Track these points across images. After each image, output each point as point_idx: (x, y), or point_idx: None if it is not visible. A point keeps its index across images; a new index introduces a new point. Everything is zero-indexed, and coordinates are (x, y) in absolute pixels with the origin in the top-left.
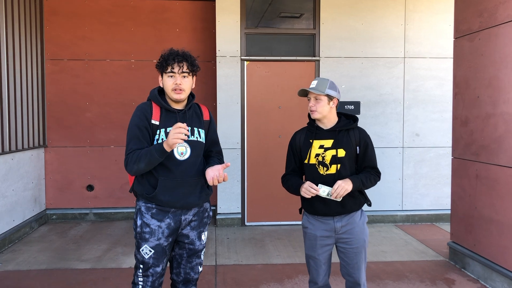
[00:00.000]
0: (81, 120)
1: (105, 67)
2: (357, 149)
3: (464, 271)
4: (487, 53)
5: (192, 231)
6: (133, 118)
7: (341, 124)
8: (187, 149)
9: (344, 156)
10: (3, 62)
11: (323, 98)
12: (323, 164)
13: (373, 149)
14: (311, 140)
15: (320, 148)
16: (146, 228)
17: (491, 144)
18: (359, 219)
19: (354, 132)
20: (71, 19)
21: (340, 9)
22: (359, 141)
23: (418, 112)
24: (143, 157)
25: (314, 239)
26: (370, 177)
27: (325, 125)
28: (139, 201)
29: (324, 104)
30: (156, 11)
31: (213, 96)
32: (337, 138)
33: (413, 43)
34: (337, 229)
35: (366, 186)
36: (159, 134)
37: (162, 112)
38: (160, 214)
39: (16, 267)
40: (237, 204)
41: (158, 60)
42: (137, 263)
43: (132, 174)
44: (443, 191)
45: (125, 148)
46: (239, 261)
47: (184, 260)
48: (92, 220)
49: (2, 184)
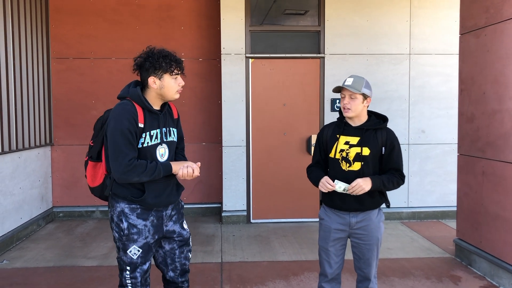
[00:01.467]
0: (87, 118)
1: (110, 65)
2: (383, 149)
3: (470, 268)
4: (493, 49)
5: (175, 224)
6: (122, 121)
7: (370, 123)
8: (166, 150)
9: (368, 155)
10: (10, 61)
11: (358, 97)
12: (346, 160)
13: (399, 152)
14: (338, 135)
15: (345, 144)
16: (133, 229)
17: (497, 140)
18: (375, 216)
19: (381, 132)
20: (77, 17)
21: (344, 6)
22: (386, 142)
23: (423, 108)
24: (150, 172)
25: (328, 230)
26: (393, 179)
27: (354, 122)
28: (119, 203)
29: (359, 103)
30: (161, 9)
31: (218, 94)
32: (364, 136)
33: (419, 39)
34: (351, 224)
35: (388, 188)
36: (145, 137)
37: (145, 113)
38: (144, 213)
39: (24, 264)
40: (242, 202)
41: (148, 60)
42: (123, 265)
43: (126, 182)
44: (449, 187)
45: (116, 153)
46: (244, 258)
47: (177, 253)
48: (99, 218)
49: (10, 182)
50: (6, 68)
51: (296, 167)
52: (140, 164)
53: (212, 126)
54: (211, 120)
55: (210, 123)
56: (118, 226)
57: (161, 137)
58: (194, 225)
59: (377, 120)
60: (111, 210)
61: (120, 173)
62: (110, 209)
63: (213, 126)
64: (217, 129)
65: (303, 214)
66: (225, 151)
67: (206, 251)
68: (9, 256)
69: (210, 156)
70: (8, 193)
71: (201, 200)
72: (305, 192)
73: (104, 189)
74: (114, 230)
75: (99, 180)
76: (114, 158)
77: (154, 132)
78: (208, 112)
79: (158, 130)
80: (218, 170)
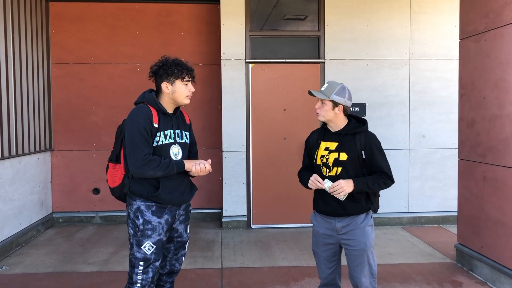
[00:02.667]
0: (87, 124)
1: (110, 70)
2: (363, 153)
3: (471, 274)
4: (493, 54)
5: (180, 224)
6: (138, 121)
7: (347, 128)
8: (179, 150)
9: (346, 160)
10: (10, 66)
11: (327, 103)
12: (326, 166)
13: (381, 154)
14: (319, 141)
15: (325, 150)
16: (148, 225)
17: (497, 145)
18: (361, 221)
19: (360, 136)
20: (77, 23)
21: (344, 11)
22: (364, 146)
23: (424, 113)
24: (164, 167)
25: (317, 235)
26: (378, 180)
27: (332, 128)
28: (136, 201)
29: (328, 109)
30: (161, 14)
31: (218, 99)
32: (342, 141)
33: (419, 44)
34: (337, 229)
35: (373, 189)
36: (159, 136)
37: (159, 115)
38: (159, 211)
39: (24, 270)
40: (242, 207)
41: (165, 66)
42: (136, 261)
43: (142, 176)
44: (449, 192)
45: (133, 149)
46: (245, 264)
47: (171, 253)
48: (99, 223)
49: (10, 187)
50: (6, 74)
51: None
52: (155, 159)
53: (212, 131)
54: (211, 125)
55: (210, 128)
56: (134, 223)
57: (175, 137)
58: (194, 230)
59: (357, 124)
60: (128, 208)
61: (136, 167)
62: (127, 207)
63: (213, 131)
64: (217, 134)
65: (304, 220)
66: (225, 156)
67: (206, 257)
68: (8, 262)
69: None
70: (7, 199)
71: (201, 205)
72: (305, 197)
73: (123, 188)
74: (130, 226)
75: (118, 181)
76: (131, 154)
77: (168, 132)
78: (208, 117)
79: (172, 130)
80: (218, 175)
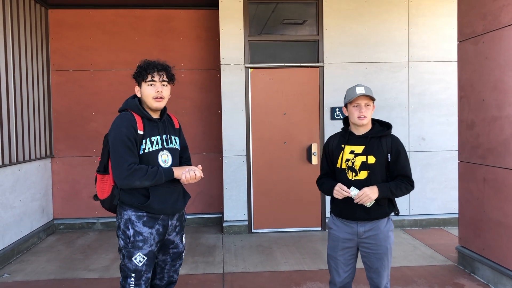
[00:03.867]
0: (87, 130)
1: (110, 77)
2: (389, 156)
3: (473, 276)
4: (491, 56)
5: (176, 236)
6: (120, 129)
7: (374, 131)
8: (169, 157)
9: (374, 163)
10: (10, 73)
11: (372, 104)
12: (352, 170)
13: (406, 158)
14: (343, 145)
15: (351, 154)
16: (139, 237)
17: (497, 147)
18: (384, 226)
19: (386, 140)
20: (76, 30)
21: (343, 15)
22: (391, 149)
23: (423, 116)
24: (151, 177)
25: (336, 240)
26: (401, 186)
27: (358, 131)
28: (126, 211)
29: (372, 110)
30: (160, 20)
31: (218, 104)
32: (369, 144)
33: (417, 47)
34: (359, 233)
35: (396, 194)
36: (145, 143)
37: (144, 121)
38: (150, 221)
39: (25, 278)
40: (243, 211)
41: (135, 70)
42: (128, 272)
43: (129, 187)
44: (450, 195)
45: (117, 159)
46: (246, 268)
47: (168, 265)
48: (100, 229)
49: (10, 195)
50: (6, 81)
51: (297, 175)
52: (141, 168)
53: (212, 136)
54: (211, 130)
55: (210, 133)
56: (124, 234)
57: (162, 143)
58: (195, 235)
59: (381, 127)
60: (119, 218)
61: (121, 178)
62: (117, 217)
63: (213, 136)
64: (217, 139)
65: (305, 224)
66: (225, 160)
67: (208, 262)
68: (9, 269)
69: (211, 166)
70: (8, 206)
71: (202, 210)
72: (306, 201)
73: (113, 200)
74: (120, 237)
75: (107, 192)
76: (115, 164)
77: (154, 138)
78: (208, 122)
79: (159, 136)
80: (218, 180)
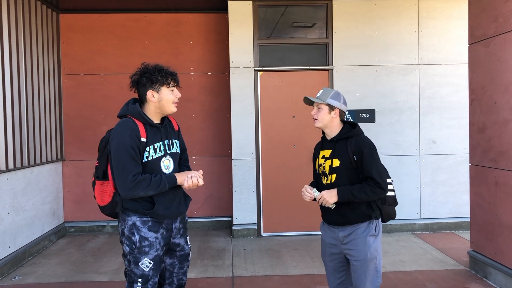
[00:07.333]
0: (98, 134)
1: (120, 80)
2: (354, 158)
3: (485, 281)
4: (503, 58)
5: (181, 238)
6: (123, 138)
7: (340, 133)
8: (170, 162)
9: (339, 166)
10: (22, 77)
11: (323, 107)
12: (324, 174)
13: (372, 158)
14: (319, 150)
15: (322, 159)
16: (145, 242)
17: (509, 150)
18: (362, 231)
19: (351, 141)
20: (87, 34)
21: (352, 18)
22: (355, 150)
23: (434, 119)
24: (155, 186)
25: (324, 245)
26: (365, 188)
27: (328, 135)
28: (131, 217)
29: (325, 113)
30: (170, 24)
31: (227, 107)
32: (335, 147)
33: (427, 49)
34: (340, 238)
35: (359, 198)
36: (149, 151)
37: (146, 128)
38: (155, 226)
39: (36, 280)
40: (253, 215)
41: (147, 74)
42: (134, 277)
43: (133, 197)
44: (462, 198)
45: (120, 170)
46: (256, 272)
47: (176, 268)
48: (110, 232)
49: (22, 198)
50: (18, 85)
51: (306, 179)
52: (144, 178)
53: (221, 139)
54: (221, 133)
55: (219, 137)
56: (130, 239)
57: (165, 149)
58: (205, 239)
59: (349, 129)
60: (122, 224)
61: (125, 189)
62: (120, 223)
63: (223, 139)
64: (227, 142)
65: (315, 227)
66: (234, 164)
67: (217, 265)
68: (21, 272)
69: (220, 170)
70: (20, 209)
71: (211, 213)
72: (316, 204)
73: (114, 207)
74: (125, 243)
75: (108, 199)
76: (119, 175)
77: (157, 145)
78: (218, 126)
79: (161, 142)
80: (228, 183)
